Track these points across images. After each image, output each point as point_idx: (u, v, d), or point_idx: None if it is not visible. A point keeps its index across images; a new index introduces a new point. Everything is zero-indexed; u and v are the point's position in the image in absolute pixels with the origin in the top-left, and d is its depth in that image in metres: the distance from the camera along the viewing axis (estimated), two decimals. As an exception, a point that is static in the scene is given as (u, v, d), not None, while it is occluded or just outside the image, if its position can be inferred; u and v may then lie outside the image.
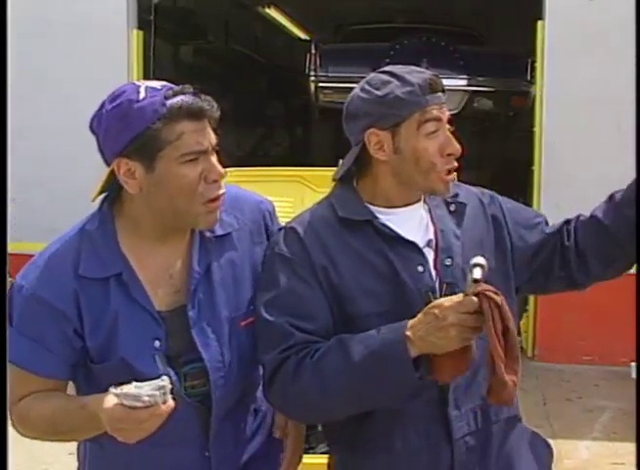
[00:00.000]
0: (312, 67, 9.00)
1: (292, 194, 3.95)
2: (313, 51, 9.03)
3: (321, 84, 9.02)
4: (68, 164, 6.48)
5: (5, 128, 2.43)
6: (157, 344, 1.76)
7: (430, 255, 1.88)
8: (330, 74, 8.89)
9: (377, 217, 1.87)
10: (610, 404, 5.47)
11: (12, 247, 2.13)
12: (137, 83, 1.74)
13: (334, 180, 1.96)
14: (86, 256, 1.76)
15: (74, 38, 6.66)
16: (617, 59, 5.90)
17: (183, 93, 1.71)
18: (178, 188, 1.70)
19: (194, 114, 1.69)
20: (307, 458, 3.10)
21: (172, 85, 1.74)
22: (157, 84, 1.73)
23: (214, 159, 1.75)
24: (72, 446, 2.02)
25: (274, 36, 12.98)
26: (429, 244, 1.89)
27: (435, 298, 1.80)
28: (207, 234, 1.83)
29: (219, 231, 1.85)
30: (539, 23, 6.31)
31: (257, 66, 12.13)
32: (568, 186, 6.00)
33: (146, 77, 6.92)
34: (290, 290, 1.81)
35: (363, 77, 1.90)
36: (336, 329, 1.81)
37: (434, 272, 1.87)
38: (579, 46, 6.14)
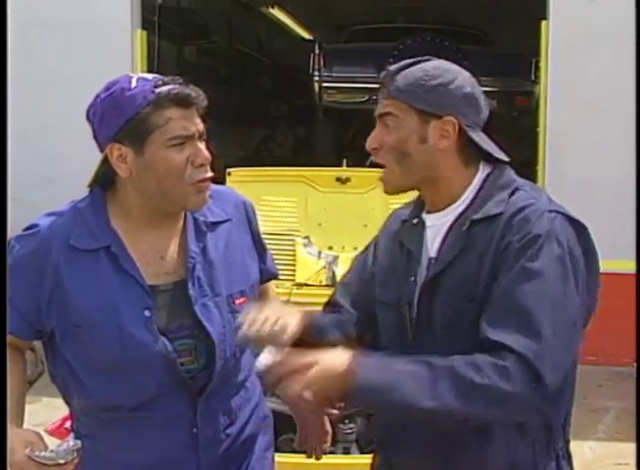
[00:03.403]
0: (316, 67, 9.00)
1: (296, 194, 3.96)
2: (317, 51, 9.04)
3: (325, 84, 9.02)
4: (71, 164, 6.48)
5: (5, 128, 2.45)
6: (147, 313, 1.84)
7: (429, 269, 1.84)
8: (334, 75, 8.90)
9: (421, 219, 1.86)
10: (614, 405, 5.46)
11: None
12: (130, 75, 1.85)
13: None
14: (78, 228, 1.86)
15: (78, 38, 6.67)
16: (621, 59, 5.90)
17: (172, 83, 1.82)
18: (166, 171, 1.80)
19: (181, 101, 1.79)
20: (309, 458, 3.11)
21: (163, 76, 1.85)
22: (148, 75, 1.84)
23: (201, 144, 1.84)
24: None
25: (278, 36, 12.98)
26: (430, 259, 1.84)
27: (411, 312, 1.80)
28: (201, 219, 1.93)
29: (211, 218, 1.96)
30: (543, 22, 6.31)
31: (261, 66, 12.15)
32: (571, 186, 5.99)
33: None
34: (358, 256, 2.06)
35: (367, 77, 1.91)
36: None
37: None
38: (584, 46, 6.13)
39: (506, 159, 1.83)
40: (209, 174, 1.85)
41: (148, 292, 1.85)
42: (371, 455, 2.11)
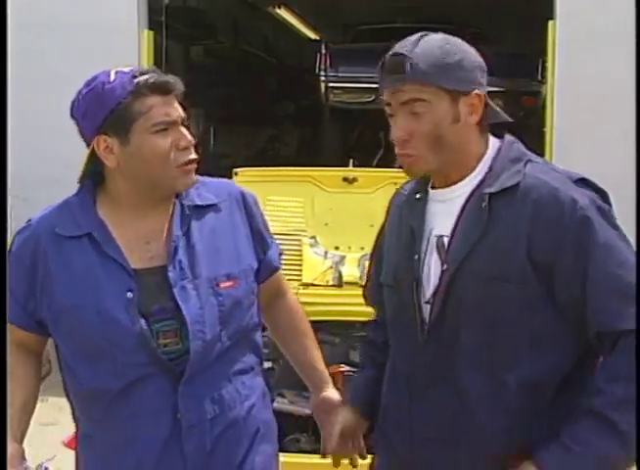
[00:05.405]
0: (322, 67, 9.01)
1: (302, 194, 3.95)
2: (323, 51, 9.05)
3: (331, 84, 9.03)
4: (71, 164, 6.46)
5: (5, 128, 2.47)
6: (129, 295, 1.88)
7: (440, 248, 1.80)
8: (340, 74, 8.90)
9: (423, 194, 1.84)
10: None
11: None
12: (108, 70, 1.91)
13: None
14: (64, 218, 1.94)
15: (79, 38, 6.69)
16: (628, 58, 5.89)
17: (150, 72, 1.88)
18: (152, 156, 1.85)
19: (160, 88, 1.85)
20: (315, 458, 3.11)
21: (141, 68, 1.91)
22: (126, 68, 1.90)
23: (183, 129, 1.89)
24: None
25: (284, 37, 12.99)
26: (441, 237, 1.80)
27: (419, 290, 1.78)
28: (187, 203, 1.97)
29: (198, 201, 1.99)
30: (550, 22, 6.30)
31: (267, 66, 12.15)
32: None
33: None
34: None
35: (373, 77, 1.87)
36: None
37: (435, 266, 1.78)
38: (591, 45, 6.12)
39: (510, 119, 1.82)
40: (194, 156, 1.90)
41: (131, 274, 1.89)
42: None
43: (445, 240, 1.77)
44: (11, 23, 3.67)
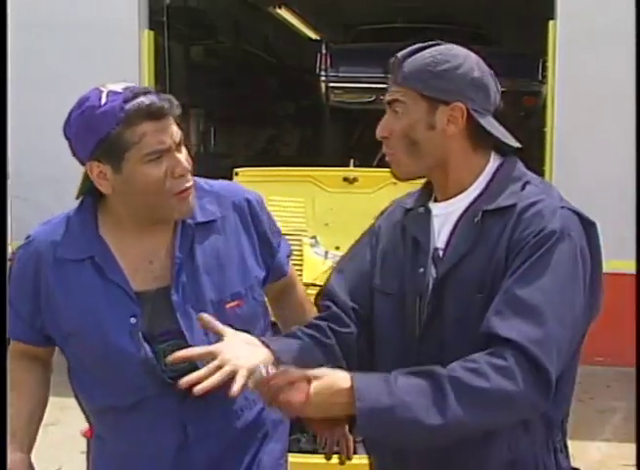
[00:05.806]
0: (323, 67, 9.01)
1: (303, 194, 3.95)
2: (324, 51, 9.05)
3: (332, 84, 9.03)
4: (71, 164, 6.47)
5: (5, 128, 2.47)
6: (132, 320, 1.85)
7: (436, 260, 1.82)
8: (340, 75, 8.91)
9: (428, 208, 1.84)
10: (621, 405, 5.45)
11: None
12: (100, 89, 1.81)
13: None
14: (65, 239, 1.89)
15: (85, 38, 6.68)
16: (629, 58, 5.89)
17: (144, 94, 1.77)
18: (145, 186, 1.78)
19: (153, 114, 1.75)
20: (316, 458, 3.11)
21: (134, 87, 1.79)
22: (118, 87, 1.79)
23: (180, 154, 1.81)
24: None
25: (284, 37, 12.99)
26: (436, 250, 1.81)
27: (422, 303, 1.78)
28: (189, 221, 1.90)
29: (201, 218, 1.92)
30: (551, 22, 6.30)
31: (268, 66, 12.16)
32: (578, 186, 5.98)
33: (157, 77, 6.94)
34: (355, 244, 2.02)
35: (374, 77, 1.89)
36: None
37: (432, 278, 1.79)
38: (591, 45, 6.12)
39: (517, 144, 1.81)
40: (190, 184, 1.83)
41: (134, 299, 1.85)
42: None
43: (440, 253, 1.79)
44: (11, 24, 3.67)
